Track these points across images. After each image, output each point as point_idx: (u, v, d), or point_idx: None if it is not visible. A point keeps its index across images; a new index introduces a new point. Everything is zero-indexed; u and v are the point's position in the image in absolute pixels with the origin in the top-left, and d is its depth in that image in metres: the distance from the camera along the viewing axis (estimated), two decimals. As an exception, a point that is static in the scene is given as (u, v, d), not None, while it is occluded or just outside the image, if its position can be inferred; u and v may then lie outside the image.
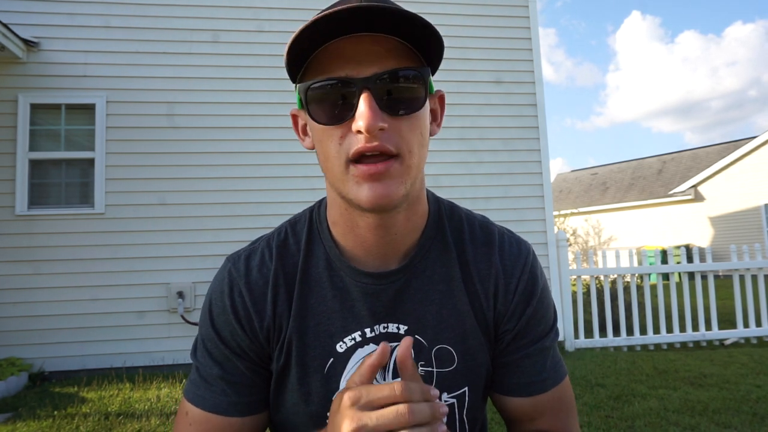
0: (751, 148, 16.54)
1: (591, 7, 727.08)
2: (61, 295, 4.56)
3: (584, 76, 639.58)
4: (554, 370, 0.76)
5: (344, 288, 0.71)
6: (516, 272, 0.74)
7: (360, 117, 0.57)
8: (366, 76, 0.59)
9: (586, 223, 16.66)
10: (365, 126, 0.57)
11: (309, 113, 0.62)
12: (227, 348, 0.71)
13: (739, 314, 5.40)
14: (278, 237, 0.76)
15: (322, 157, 0.64)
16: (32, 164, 4.71)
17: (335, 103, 0.60)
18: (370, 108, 0.57)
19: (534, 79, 5.55)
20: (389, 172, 0.60)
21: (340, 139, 0.60)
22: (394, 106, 0.60)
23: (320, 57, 0.61)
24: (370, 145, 0.58)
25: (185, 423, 0.72)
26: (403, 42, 0.62)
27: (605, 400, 3.50)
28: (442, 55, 0.64)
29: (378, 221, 0.67)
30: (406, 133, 0.61)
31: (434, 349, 0.72)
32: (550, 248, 5.31)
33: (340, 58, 0.60)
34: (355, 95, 0.59)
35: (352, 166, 0.60)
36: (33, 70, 4.75)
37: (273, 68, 4.94)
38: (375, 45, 0.60)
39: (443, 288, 0.73)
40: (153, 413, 3.38)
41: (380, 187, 0.60)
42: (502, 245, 0.76)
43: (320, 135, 0.63)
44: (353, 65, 0.59)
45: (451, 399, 0.73)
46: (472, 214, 0.80)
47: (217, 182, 4.89)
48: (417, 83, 0.61)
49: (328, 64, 0.60)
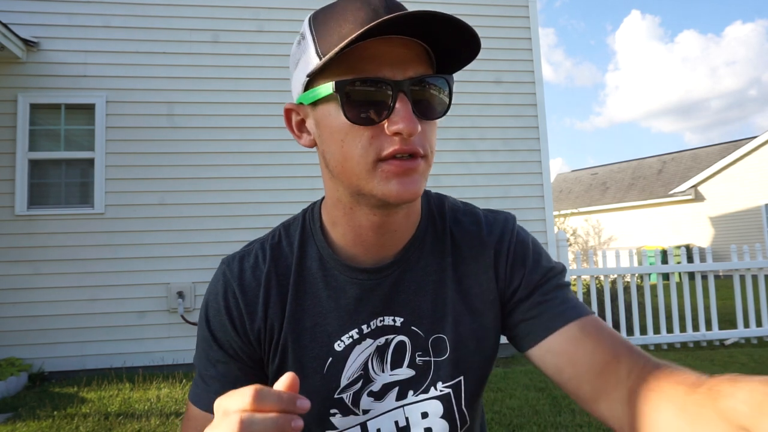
0: (751, 148, 16.55)
1: (590, 6, 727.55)
2: (61, 295, 4.56)
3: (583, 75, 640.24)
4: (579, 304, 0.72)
5: (339, 287, 0.72)
6: (505, 238, 0.76)
7: (401, 120, 0.58)
8: (402, 79, 0.59)
9: (586, 223, 16.67)
10: (407, 130, 0.58)
11: (344, 111, 0.60)
12: (221, 349, 0.72)
13: (739, 314, 5.39)
14: (272, 239, 0.77)
15: (340, 156, 0.63)
16: (32, 164, 4.71)
17: (371, 104, 0.60)
18: (409, 111, 0.59)
19: (534, 79, 5.55)
20: (417, 168, 0.62)
21: (372, 138, 0.60)
22: (424, 111, 0.62)
23: (349, 55, 0.59)
24: (407, 147, 0.60)
25: (187, 421, 0.74)
26: (426, 47, 0.63)
27: (605, 401, 3.50)
28: (470, 61, 0.65)
29: (383, 220, 0.68)
30: (429, 135, 0.63)
31: (431, 338, 0.73)
32: (550, 248, 5.31)
33: (374, 58, 0.59)
34: (390, 97, 0.59)
35: (382, 163, 0.61)
36: (33, 70, 4.74)
37: (273, 68, 4.94)
38: (404, 48, 0.61)
39: (436, 278, 0.74)
40: (153, 413, 3.38)
41: (409, 183, 0.61)
42: (487, 221, 0.78)
43: (344, 133, 0.61)
44: (387, 68, 0.60)
45: (446, 389, 0.74)
46: (455, 201, 0.82)
47: (217, 182, 4.89)
48: (444, 91, 0.63)
49: (361, 64, 0.59)
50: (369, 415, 0.73)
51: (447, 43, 0.62)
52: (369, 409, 0.73)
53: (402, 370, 0.73)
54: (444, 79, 0.63)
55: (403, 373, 0.73)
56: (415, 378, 0.73)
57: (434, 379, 0.73)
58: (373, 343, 0.72)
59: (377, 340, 0.72)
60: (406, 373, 0.73)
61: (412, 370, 0.73)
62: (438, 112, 0.63)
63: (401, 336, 0.73)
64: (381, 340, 0.72)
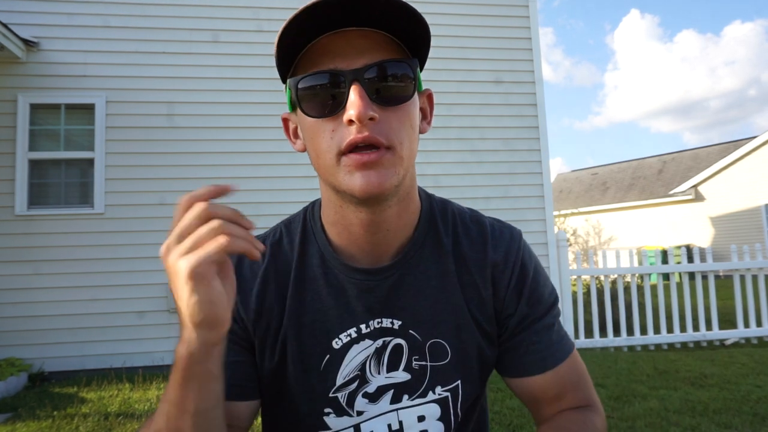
0: (751, 148, 16.54)
1: (588, 5, 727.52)
2: (61, 295, 4.56)
3: (582, 75, 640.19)
4: (561, 344, 0.76)
5: (339, 285, 0.72)
6: (510, 258, 0.75)
7: (351, 106, 0.58)
8: (355, 68, 0.59)
9: (586, 223, 16.66)
10: (356, 114, 0.57)
11: (300, 108, 0.62)
12: None
13: (739, 314, 5.39)
14: (273, 236, 0.77)
15: (314, 154, 0.65)
16: (32, 164, 4.71)
17: (326, 97, 0.61)
18: (360, 97, 0.58)
19: (534, 78, 5.55)
20: (381, 161, 0.60)
21: (332, 132, 0.61)
22: (383, 98, 0.61)
23: (308, 54, 0.62)
24: (361, 136, 0.59)
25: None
26: (390, 36, 0.63)
27: (605, 401, 3.50)
28: (429, 46, 0.65)
29: (370, 217, 0.67)
30: (395, 124, 0.61)
31: (428, 343, 0.73)
32: (550, 248, 5.31)
33: (329, 53, 0.61)
34: (344, 87, 0.59)
35: (344, 156, 0.61)
36: (32, 70, 4.74)
37: (273, 68, 4.80)
38: (362, 39, 0.61)
39: (437, 283, 0.74)
40: (153, 414, 3.38)
41: (373, 175, 0.60)
42: (494, 235, 0.77)
43: (312, 130, 0.63)
44: (341, 59, 0.60)
45: (445, 393, 0.74)
46: (461, 207, 0.81)
47: (217, 182, 4.87)
48: (405, 75, 0.62)
49: (317, 60, 0.61)
50: (363, 417, 0.73)
51: (404, 28, 0.62)
52: (363, 411, 0.72)
53: (398, 373, 0.73)
54: (405, 64, 0.62)
55: (399, 377, 0.73)
56: (411, 382, 0.73)
57: (432, 384, 0.73)
58: (372, 344, 0.72)
59: (376, 341, 0.72)
60: (402, 377, 0.73)
61: (408, 374, 0.73)
62: (401, 98, 0.62)
63: (399, 339, 0.73)
64: (379, 342, 0.72)
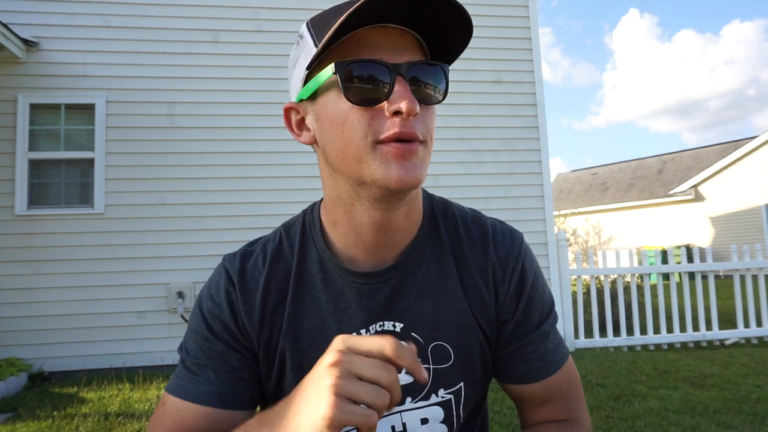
0: (751, 148, 16.54)
1: (587, 5, 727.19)
2: (61, 295, 4.56)
3: (581, 75, 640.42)
4: (557, 353, 0.77)
5: (338, 290, 0.71)
6: (510, 262, 0.75)
7: (400, 98, 0.58)
8: (401, 62, 0.60)
9: (586, 223, 16.66)
10: (406, 108, 0.58)
11: (345, 92, 0.60)
12: (219, 340, 0.71)
13: (739, 314, 5.39)
14: (273, 242, 0.76)
15: (341, 143, 0.62)
16: (32, 164, 4.71)
17: (371, 85, 0.60)
18: (410, 92, 0.59)
19: (534, 78, 5.55)
20: (417, 152, 0.61)
21: (371, 120, 0.60)
22: (422, 96, 0.62)
23: (345, 44, 0.61)
24: (406, 131, 0.59)
25: (160, 413, 0.72)
26: (420, 39, 0.64)
27: (605, 401, 3.50)
28: (459, 54, 0.66)
29: (383, 217, 0.67)
30: (428, 121, 0.63)
31: (430, 346, 0.72)
32: (550, 248, 5.31)
33: (371, 45, 0.60)
34: (389, 80, 0.59)
35: (381, 145, 0.60)
36: (32, 70, 4.74)
37: (273, 68, 4.94)
38: (401, 37, 0.62)
39: (438, 284, 0.73)
40: (152, 414, 3.38)
41: (410, 167, 0.60)
42: (495, 237, 0.76)
43: (345, 117, 0.61)
44: (386, 52, 0.60)
45: (448, 395, 0.74)
46: (463, 208, 0.81)
47: (217, 182, 4.89)
48: (442, 78, 0.64)
49: (358, 50, 0.60)
50: None
51: (440, 30, 0.62)
52: None
53: (401, 375, 0.72)
54: (440, 67, 0.64)
55: (402, 379, 0.72)
56: (414, 384, 0.72)
57: (436, 386, 0.73)
58: None
59: None
60: (405, 379, 0.72)
61: (410, 377, 0.72)
62: (435, 98, 0.63)
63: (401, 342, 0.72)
64: None
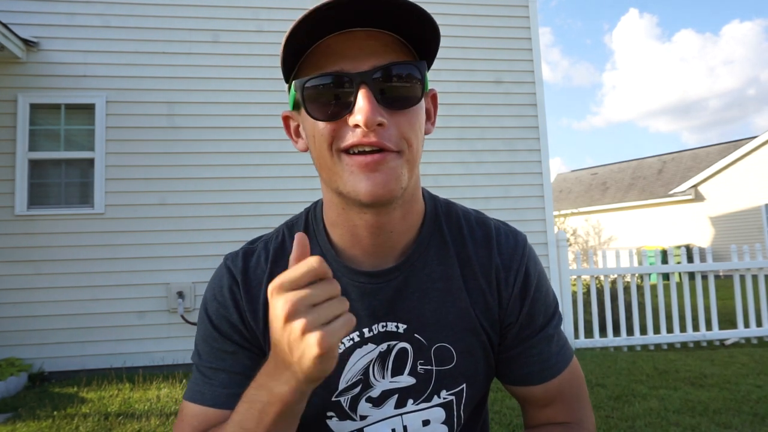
0: (751, 148, 16.54)
1: (586, 5, 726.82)
2: (61, 295, 4.56)
3: (580, 75, 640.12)
4: (561, 354, 0.76)
5: (341, 289, 0.71)
6: (514, 264, 0.74)
7: (358, 111, 0.57)
8: (363, 70, 0.58)
9: (586, 223, 16.64)
10: (363, 120, 0.56)
11: (306, 110, 0.61)
12: (228, 340, 0.71)
13: (739, 314, 5.39)
14: (275, 240, 0.76)
15: (316, 154, 0.63)
16: (32, 164, 4.70)
17: (332, 99, 0.59)
18: (369, 102, 0.56)
19: (534, 79, 5.55)
20: (387, 162, 0.59)
21: (333, 131, 0.60)
22: (391, 100, 0.59)
23: (313, 55, 0.60)
24: (368, 140, 0.57)
25: (180, 421, 0.72)
26: (397, 37, 0.61)
27: (605, 401, 3.50)
28: (437, 47, 0.63)
29: (375, 219, 0.66)
30: (405, 128, 0.60)
31: (433, 347, 0.72)
32: (550, 248, 5.30)
33: (335, 54, 0.59)
34: (352, 90, 0.58)
35: (345, 156, 0.59)
36: (32, 70, 4.74)
37: (273, 68, 4.93)
38: (369, 40, 0.59)
39: (441, 286, 0.72)
40: (153, 413, 3.38)
41: (379, 178, 0.59)
42: (499, 239, 0.76)
43: (315, 131, 0.61)
44: (348, 60, 0.59)
45: (450, 396, 0.73)
46: (466, 209, 0.80)
47: (217, 182, 4.89)
48: (413, 77, 0.61)
49: (323, 61, 0.59)
50: (366, 421, 0.72)
51: (412, 29, 0.60)
52: (367, 416, 0.72)
53: (402, 377, 0.72)
54: (413, 66, 0.61)
55: (404, 381, 0.72)
56: (416, 386, 0.72)
57: (438, 388, 0.73)
58: (376, 348, 0.71)
59: (380, 345, 0.71)
60: (407, 381, 0.72)
61: (413, 378, 0.72)
62: (409, 101, 0.60)
63: (403, 343, 0.71)
64: (383, 346, 0.71)
